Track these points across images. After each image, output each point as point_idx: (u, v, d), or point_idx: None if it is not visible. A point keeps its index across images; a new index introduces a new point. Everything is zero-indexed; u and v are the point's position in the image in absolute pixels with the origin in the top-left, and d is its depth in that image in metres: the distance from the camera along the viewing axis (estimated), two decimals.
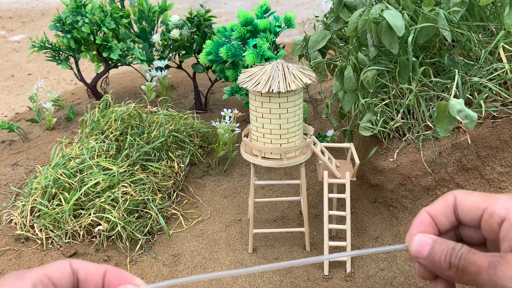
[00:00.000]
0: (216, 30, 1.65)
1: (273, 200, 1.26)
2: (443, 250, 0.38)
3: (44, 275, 0.38)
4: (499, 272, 0.35)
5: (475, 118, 0.95)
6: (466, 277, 0.37)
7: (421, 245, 0.39)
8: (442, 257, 0.38)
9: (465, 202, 0.40)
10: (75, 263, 0.40)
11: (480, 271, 0.36)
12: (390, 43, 1.09)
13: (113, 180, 1.29)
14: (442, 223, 0.41)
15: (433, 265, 0.39)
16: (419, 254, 0.39)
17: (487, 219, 0.38)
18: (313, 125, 1.66)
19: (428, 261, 0.39)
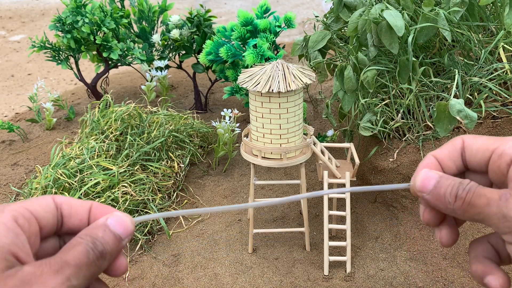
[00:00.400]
0: (216, 30, 1.65)
1: (273, 200, 1.26)
2: (449, 184, 0.37)
3: (25, 209, 0.36)
4: (510, 204, 0.34)
5: (475, 118, 0.95)
6: (472, 210, 0.36)
7: (426, 179, 0.38)
8: (448, 190, 0.37)
9: (473, 144, 0.38)
10: (59, 198, 0.38)
11: (489, 204, 0.35)
12: (390, 43, 1.09)
13: (113, 180, 1.29)
14: (449, 167, 0.40)
15: (437, 200, 0.38)
16: (424, 188, 0.38)
17: (496, 159, 0.37)
18: (313, 125, 1.66)
19: (433, 195, 0.38)
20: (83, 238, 0.36)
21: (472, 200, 0.36)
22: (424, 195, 0.38)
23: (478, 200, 0.35)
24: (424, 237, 1.15)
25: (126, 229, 0.38)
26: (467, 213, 0.36)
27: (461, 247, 1.08)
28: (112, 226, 0.38)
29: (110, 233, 0.37)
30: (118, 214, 0.38)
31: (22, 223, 0.35)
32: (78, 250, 0.35)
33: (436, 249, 1.11)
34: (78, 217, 0.39)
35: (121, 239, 0.38)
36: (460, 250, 1.08)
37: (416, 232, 1.16)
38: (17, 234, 0.34)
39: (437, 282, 1.05)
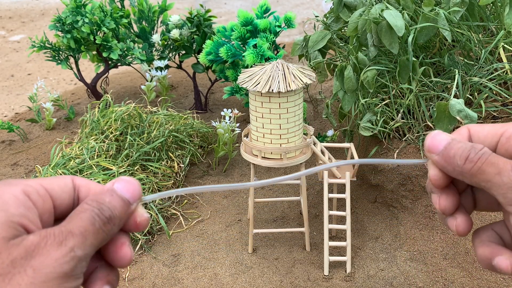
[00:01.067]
0: (216, 30, 1.65)
1: (273, 200, 1.26)
2: (460, 147, 0.36)
3: (40, 185, 0.35)
4: None
5: (475, 118, 0.95)
6: (482, 176, 0.35)
7: (437, 139, 0.37)
8: (459, 152, 0.36)
9: (480, 131, 0.38)
10: (78, 180, 0.37)
11: (500, 173, 0.34)
12: (390, 43, 1.09)
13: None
14: None
15: (446, 161, 0.36)
16: (434, 148, 0.37)
17: (504, 142, 0.36)
18: (313, 125, 1.66)
19: (442, 156, 0.37)
20: (89, 204, 0.35)
21: (484, 166, 0.35)
22: (433, 156, 0.37)
23: (490, 167, 0.34)
24: (424, 237, 1.14)
25: (134, 193, 0.37)
26: (475, 178, 0.35)
27: (461, 247, 1.08)
28: (119, 190, 0.36)
29: (118, 197, 0.36)
30: (125, 178, 0.37)
31: (35, 199, 0.34)
32: (83, 218, 0.34)
33: (436, 249, 1.11)
34: None
35: (129, 203, 0.37)
36: (460, 250, 1.08)
37: (416, 232, 1.16)
38: (28, 208, 0.33)
39: (437, 282, 1.05)
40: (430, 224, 1.14)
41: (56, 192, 0.36)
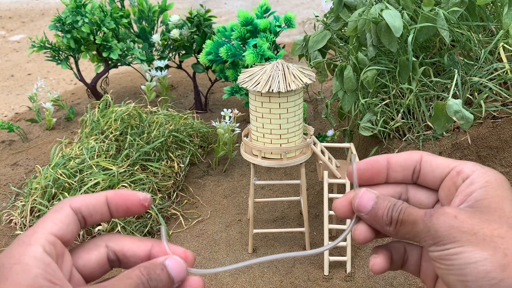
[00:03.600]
0: (216, 30, 1.65)
1: (273, 200, 1.26)
2: (386, 205, 0.39)
3: (49, 234, 0.37)
4: (434, 219, 0.36)
5: (471, 119, 0.95)
6: (403, 229, 0.38)
7: (365, 199, 0.40)
8: (385, 212, 0.39)
9: (432, 160, 0.41)
10: (75, 203, 0.39)
11: (416, 221, 0.37)
12: (389, 42, 1.09)
13: (113, 180, 1.29)
14: (396, 173, 0.42)
15: (375, 220, 0.40)
16: (363, 208, 0.40)
17: (454, 175, 0.39)
18: (313, 125, 1.66)
19: (370, 215, 0.40)
20: (141, 271, 0.38)
21: (403, 219, 0.38)
22: (363, 215, 0.41)
23: (408, 219, 0.38)
24: None
25: (180, 274, 0.40)
26: (400, 232, 0.39)
27: None
28: (170, 268, 0.40)
29: (166, 273, 0.39)
30: (176, 258, 0.41)
31: (49, 250, 0.36)
32: (131, 284, 0.37)
33: None
34: (98, 214, 0.40)
35: (173, 282, 0.39)
36: None
37: None
38: (47, 264, 0.36)
39: None
40: None
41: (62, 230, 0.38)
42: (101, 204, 0.40)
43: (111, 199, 0.40)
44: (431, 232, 0.37)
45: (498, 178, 0.38)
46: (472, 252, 0.35)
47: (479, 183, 0.38)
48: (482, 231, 0.35)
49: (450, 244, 0.36)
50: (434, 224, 0.36)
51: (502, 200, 0.37)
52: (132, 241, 0.41)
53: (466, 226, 0.35)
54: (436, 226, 0.36)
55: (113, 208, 0.41)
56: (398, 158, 0.42)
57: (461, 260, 0.35)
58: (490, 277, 0.34)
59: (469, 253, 0.35)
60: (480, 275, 0.34)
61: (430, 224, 0.37)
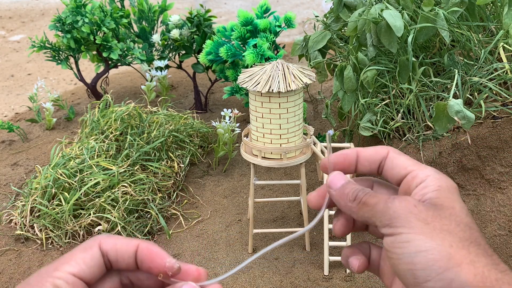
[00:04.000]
0: (216, 30, 1.65)
1: (273, 200, 1.26)
2: (353, 187, 0.44)
3: (68, 274, 0.37)
4: (396, 201, 0.40)
5: (473, 119, 0.96)
6: (365, 208, 0.42)
7: (337, 178, 0.45)
8: (351, 192, 0.43)
9: (397, 159, 0.45)
10: (105, 245, 0.40)
11: (378, 202, 0.41)
12: (390, 42, 1.09)
13: (113, 180, 1.29)
14: (364, 166, 0.46)
15: (340, 197, 0.44)
16: (333, 184, 0.45)
17: (409, 180, 0.43)
18: (313, 125, 1.66)
19: (338, 192, 0.44)
20: None
21: (367, 199, 0.42)
22: (331, 191, 0.45)
23: (371, 200, 0.41)
24: None
25: None
26: (361, 211, 0.42)
27: None
28: None
29: None
30: (192, 284, 0.42)
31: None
32: None
33: None
34: (124, 262, 0.40)
35: None
36: None
37: None
38: None
39: None
40: None
41: (84, 272, 0.38)
42: (130, 253, 0.40)
43: (140, 252, 0.41)
44: (389, 211, 0.40)
45: (449, 184, 0.42)
46: (423, 241, 0.38)
47: (432, 186, 0.41)
48: (434, 223, 0.38)
49: (403, 228, 0.39)
50: (395, 205, 0.40)
51: (452, 201, 0.40)
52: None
53: (422, 216, 0.39)
54: (396, 208, 0.39)
55: (139, 262, 0.41)
56: (366, 152, 0.46)
57: (412, 248, 0.38)
58: (437, 266, 0.37)
59: (420, 241, 0.38)
60: (428, 264, 0.37)
61: (391, 204, 0.40)
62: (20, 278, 1.14)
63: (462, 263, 0.37)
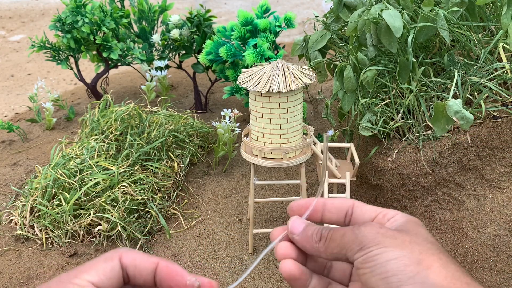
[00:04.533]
0: (216, 30, 1.65)
1: (273, 200, 1.26)
2: (316, 228, 0.46)
3: (88, 283, 0.38)
4: (362, 228, 0.42)
5: (471, 119, 0.95)
6: (333, 244, 0.44)
7: (297, 223, 0.47)
8: (314, 232, 0.46)
9: (363, 207, 0.48)
10: (125, 259, 0.40)
11: (345, 233, 0.43)
12: (389, 42, 1.09)
13: (113, 180, 1.29)
14: (331, 214, 0.49)
15: (306, 240, 0.46)
16: (295, 229, 0.47)
17: (381, 217, 0.46)
18: (313, 125, 1.66)
19: (302, 236, 0.46)
20: None
21: (333, 235, 0.44)
22: (295, 236, 0.47)
23: (337, 234, 0.44)
24: None
25: None
26: (329, 249, 0.44)
27: (461, 247, 1.08)
28: None
29: None
30: None
31: None
32: None
33: None
34: (142, 278, 0.41)
35: None
36: (460, 250, 1.08)
37: None
38: None
39: None
40: (430, 224, 1.14)
41: (103, 282, 0.39)
42: (149, 270, 0.41)
43: (160, 270, 0.41)
44: (358, 238, 0.42)
45: (416, 220, 0.45)
46: (392, 251, 0.40)
47: (400, 220, 0.45)
48: (402, 238, 0.41)
49: (374, 246, 0.41)
50: (362, 231, 0.42)
51: (418, 228, 0.44)
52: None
53: (390, 234, 0.42)
54: (364, 233, 0.42)
55: (158, 280, 0.41)
56: (334, 201, 0.49)
57: (383, 258, 0.40)
58: (408, 271, 0.39)
59: (390, 252, 0.40)
60: (400, 269, 0.39)
61: (358, 231, 0.42)
62: (20, 278, 1.14)
63: (432, 266, 0.39)
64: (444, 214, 1.13)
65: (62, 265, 1.17)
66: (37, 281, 1.13)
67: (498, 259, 1.01)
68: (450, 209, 1.13)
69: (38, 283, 1.13)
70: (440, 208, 1.14)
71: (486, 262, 1.02)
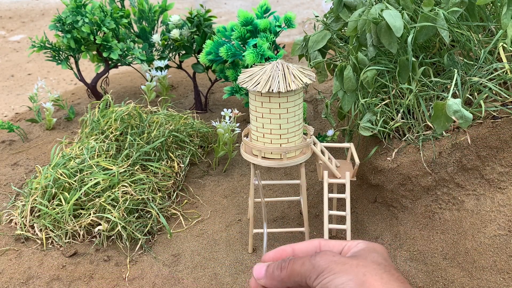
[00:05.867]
0: (216, 30, 1.65)
1: (273, 200, 1.26)
2: (275, 264, 0.51)
3: None
4: (318, 257, 0.48)
5: (470, 119, 0.96)
6: (295, 273, 0.49)
7: (258, 268, 0.53)
8: (275, 268, 0.51)
9: (330, 242, 0.54)
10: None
11: (304, 262, 0.49)
12: (389, 43, 1.09)
13: (113, 180, 1.29)
14: None
15: (271, 278, 0.51)
16: (259, 274, 0.52)
17: (346, 249, 0.52)
18: (313, 125, 1.66)
19: (266, 277, 0.51)
20: None
21: (293, 266, 0.49)
22: (261, 281, 0.51)
23: (296, 264, 0.49)
24: (424, 237, 1.15)
25: None
26: (292, 277, 0.49)
27: (461, 247, 1.08)
28: None
29: None
30: None
31: None
32: None
33: (436, 249, 1.11)
34: None
35: None
36: (460, 250, 1.08)
37: (416, 232, 1.16)
38: None
39: (437, 282, 1.05)
40: (430, 224, 1.15)
41: None
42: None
43: None
44: (315, 267, 0.48)
45: (377, 246, 0.51)
46: (341, 277, 0.47)
47: (358, 247, 0.51)
48: (350, 263, 0.48)
49: (327, 273, 0.48)
50: (318, 260, 0.48)
51: (370, 253, 0.50)
52: None
53: (341, 261, 0.48)
54: (320, 262, 0.48)
55: None
56: (301, 245, 0.54)
57: (333, 284, 0.47)
58: None
59: (339, 278, 0.47)
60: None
61: (315, 261, 0.48)
62: (20, 278, 1.14)
63: (373, 286, 0.46)
64: (444, 214, 1.13)
65: (62, 265, 1.17)
66: (37, 281, 1.13)
67: (498, 259, 1.01)
68: (450, 209, 1.13)
69: (38, 283, 1.13)
70: (440, 208, 1.14)
71: (486, 262, 1.02)
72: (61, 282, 1.13)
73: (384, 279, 0.47)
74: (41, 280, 1.13)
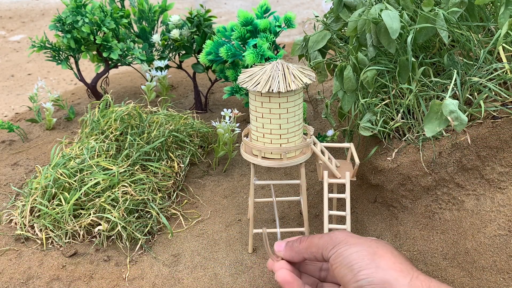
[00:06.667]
0: (216, 30, 1.65)
1: (273, 200, 1.26)
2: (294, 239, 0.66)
3: None
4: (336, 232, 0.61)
5: (465, 121, 0.95)
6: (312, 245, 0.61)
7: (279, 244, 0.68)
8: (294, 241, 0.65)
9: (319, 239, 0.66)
10: None
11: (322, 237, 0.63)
12: (389, 43, 1.10)
13: (113, 180, 1.29)
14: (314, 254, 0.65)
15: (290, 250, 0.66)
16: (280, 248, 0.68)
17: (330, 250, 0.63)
18: (313, 125, 1.66)
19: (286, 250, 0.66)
20: None
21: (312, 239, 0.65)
22: (280, 253, 0.67)
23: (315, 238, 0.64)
24: (424, 237, 1.15)
25: None
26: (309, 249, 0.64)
27: (461, 247, 1.08)
28: None
29: None
30: None
31: None
32: None
33: (436, 249, 1.11)
34: None
35: None
36: (460, 250, 1.08)
37: (416, 232, 1.16)
38: None
39: None
40: (430, 224, 1.15)
41: None
42: None
43: None
44: (333, 239, 0.59)
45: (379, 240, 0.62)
46: (355, 246, 0.56)
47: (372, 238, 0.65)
48: (365, 238, 0.59)
49: (343, 244, 0.57)
50: (336, 234, 0.60)
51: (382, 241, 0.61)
52: None
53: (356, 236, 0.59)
54: (337, 235, 0.59)
55: None
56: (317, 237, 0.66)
57: (348, 252, 0.56)
58: (367, 258, 0.55)
59: (353, 247, 0.56)
60: (360, 258, 0.55)
61: (333, 234, 0.59)
62: (20, 278, 1.14)
63: (384, 256, 0.54)
64: (444, 214, 1.13)
65: (62, 265, 1.17)
66: (37, 281, 1.13)
67: (498, 259, 1.01)
68: (450, 209, 1.13)
69: (38, 283, 1.13)
70: (440, 208, 1.14)
71: (486, 262, 1.02)
72: (61, 282, 1.13)
73: (394, 253, 0.55)
74: (41, 280, 1.13)
